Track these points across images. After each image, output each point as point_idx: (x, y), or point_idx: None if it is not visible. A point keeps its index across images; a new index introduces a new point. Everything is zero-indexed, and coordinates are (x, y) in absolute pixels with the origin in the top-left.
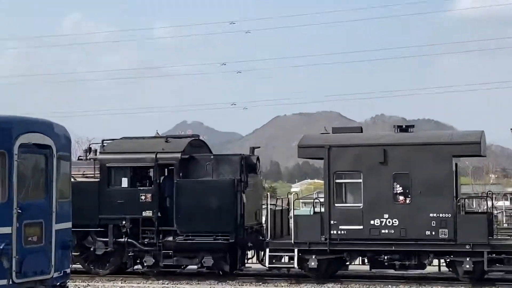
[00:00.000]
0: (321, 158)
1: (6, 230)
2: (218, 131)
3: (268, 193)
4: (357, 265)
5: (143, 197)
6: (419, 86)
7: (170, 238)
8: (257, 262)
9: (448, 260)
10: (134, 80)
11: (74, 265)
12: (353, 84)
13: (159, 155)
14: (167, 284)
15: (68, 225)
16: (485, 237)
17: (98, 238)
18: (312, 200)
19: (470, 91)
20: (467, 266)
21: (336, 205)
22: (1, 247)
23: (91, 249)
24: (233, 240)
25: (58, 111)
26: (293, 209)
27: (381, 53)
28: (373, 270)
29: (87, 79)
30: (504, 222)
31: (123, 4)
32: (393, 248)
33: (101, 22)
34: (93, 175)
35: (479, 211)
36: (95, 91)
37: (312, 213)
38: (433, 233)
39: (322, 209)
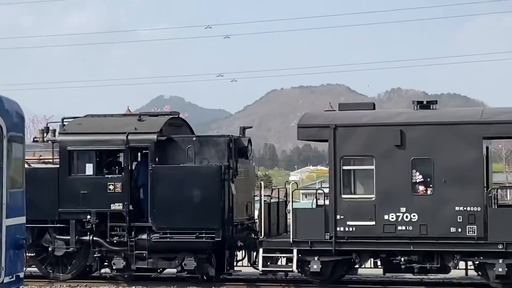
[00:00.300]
0: (326, 141)
1: None
2: (202, 108)
3: (262, 183)
4: (368, 268)
5: (111, 187)
6: (443, 54)
7: (144, 236)
8: (249, 264)
9: (477, 262)
10: (101, 47)
11: (29, 269)
12: (364, 52)
13: (130, 137)
14: None
15: (22, 220)
16: None
17: (58, 236)
18: (315, 191)
19: (505, 60)
20: (500, 269)
21: (343, 196)
22: None
23: (49, 249)
24: (219, 239)
25: (8, 83)
26: (292, 201)
27: (396, 14)
28: (387, 274)
29: (43, 45)
30: None
31: None
32: (412, 248)
33: None
34: (51, 160)
35: None
36: (53, 60)
37: (314, 206)
38: (459, 230)
39: (327, 202)
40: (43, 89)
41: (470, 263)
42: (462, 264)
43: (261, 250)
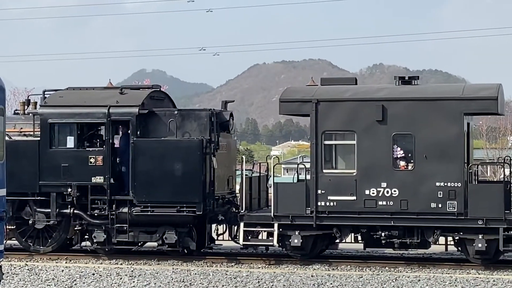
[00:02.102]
0: (307, 115)
1: None
2: (184, 81)
3: (244, 157)
4: (349, 243)
5: (92, 160)
6: (425, 30)
7: (125, 210)
8: (229, 239)
9: (456, 238)
10: (81, 19)
11: (9, 241)
12: (346, 27)
13: (112, 110)
14: (121, 264)
15: (2, 192)
16: (501, 211)
17: (38, 209)
18: (296, 166)
19: (487, 36)
20: (479, 245)
21: (324, 171)
22: None
23: (30, 222)
24: (200, 212)
25: None
26: (273, 176)
27: None
28: (367, 249)
29: (23, 18)
30: None
31: None
32: (392, 223)
33: None
34: (32, 133)
35: (495, 180)
36: (33, 32)
37: (295, 181)
38: (440, 205)
39: (308, 177)
40: (23, 62)
41: (450, 238)
42: (442, 240)
43: (242, 224)
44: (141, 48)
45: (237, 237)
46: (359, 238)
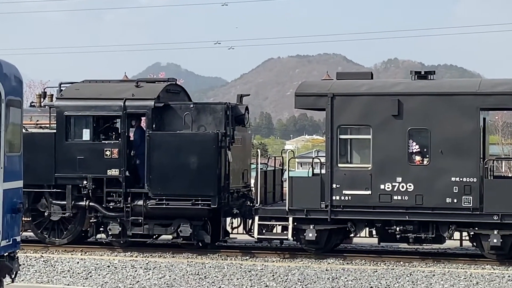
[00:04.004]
0: (323, 109)
1: None
2: (198, 75)
3: (259, 150)
4: (363, 238)
5: (108, 153)
6: (440, 25)
7: (140, 202)
8: (244, 232)
9: (471, 233)
10: (97, 12)
11: (25, 233)
12: (360, 21)
13: (128, 103)
14: (136, 257)
15: (19, 184)
16: None
17: (54, 201)
18: (311, 160)
19: (503, 31)
20: (494, 240)
21: (339, 165)
22: None
23: (46, 214)
24: (215, 206)
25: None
26: (288, 170)
27: None
28: (382, 244)
29: (39, 10)
30: None
31: None
32: (407, 218)
33: None
34: (48, 125)
35: (510, 175)
36: (48, 25)
37: (310, 175)
38: (455, 200)
39: (323, 171)
40: (40, 54)
41: (465, 233)
42: (457, 235)
43: (256, 218)
44: (156, 41)
45: (252, 230)
46: (374, 232)
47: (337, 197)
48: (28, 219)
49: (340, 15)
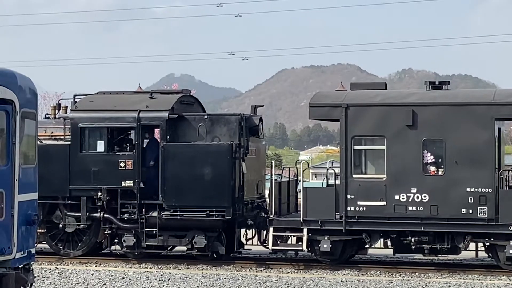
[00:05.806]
0: (337, 120)
1: None
2: (212, 86)
3: (273, 161)
4: (379, 249)
5: (122, 164)
6: (455, 35)
7: (155, 214)
8: (259, 243)
9: (487, 244)
10: (111, 24)
11: (39, 245)
12: (375, 32)
13: (142, 114)
14: (150, 268)
15: (34, 196)
16: None
17: (69, 213)
18: (325, 171)
19: None
20: (511, 251)
21: (354, 176)
22: None
23: (60, 225)
24: (229, 217)
25: (19, 60)
26: (303, 181)
27: None
28: (397, 255)
29: (54, 23)
30: None
31: None
32: (422, 229)
33: None
34: (62, 137)
35: None
36: (63, 37)
37: (325, 185)
38: (470, 211)
39: (337, 182)
40: (54, 66)
41: (480, 244)
42: (472, 246)
43: (271, 229)
44: (170, 52)
45: (266, 241)
46: (389, 243)
47: (352, 208)
48: (43, 230)
49: (354, 25)
